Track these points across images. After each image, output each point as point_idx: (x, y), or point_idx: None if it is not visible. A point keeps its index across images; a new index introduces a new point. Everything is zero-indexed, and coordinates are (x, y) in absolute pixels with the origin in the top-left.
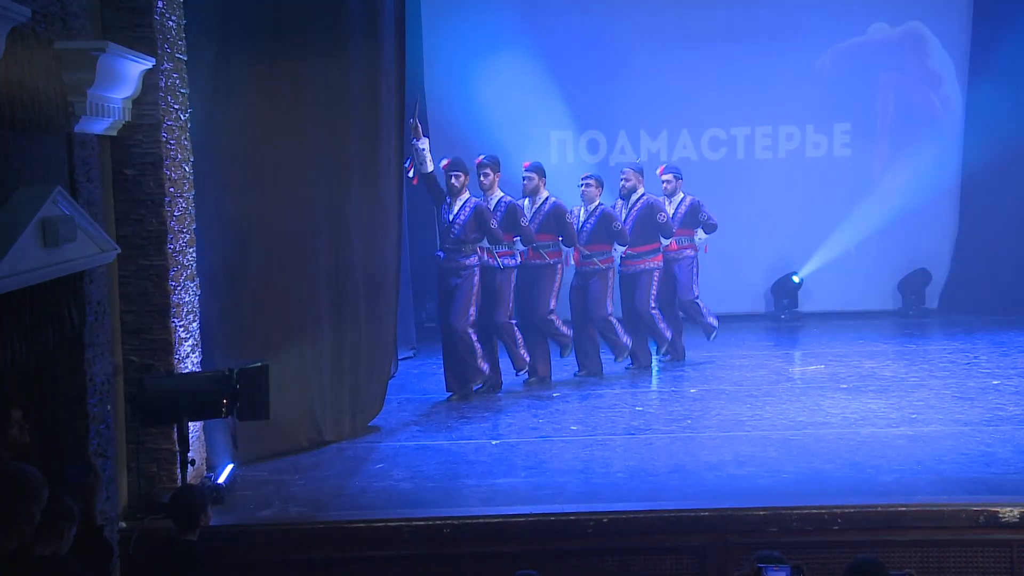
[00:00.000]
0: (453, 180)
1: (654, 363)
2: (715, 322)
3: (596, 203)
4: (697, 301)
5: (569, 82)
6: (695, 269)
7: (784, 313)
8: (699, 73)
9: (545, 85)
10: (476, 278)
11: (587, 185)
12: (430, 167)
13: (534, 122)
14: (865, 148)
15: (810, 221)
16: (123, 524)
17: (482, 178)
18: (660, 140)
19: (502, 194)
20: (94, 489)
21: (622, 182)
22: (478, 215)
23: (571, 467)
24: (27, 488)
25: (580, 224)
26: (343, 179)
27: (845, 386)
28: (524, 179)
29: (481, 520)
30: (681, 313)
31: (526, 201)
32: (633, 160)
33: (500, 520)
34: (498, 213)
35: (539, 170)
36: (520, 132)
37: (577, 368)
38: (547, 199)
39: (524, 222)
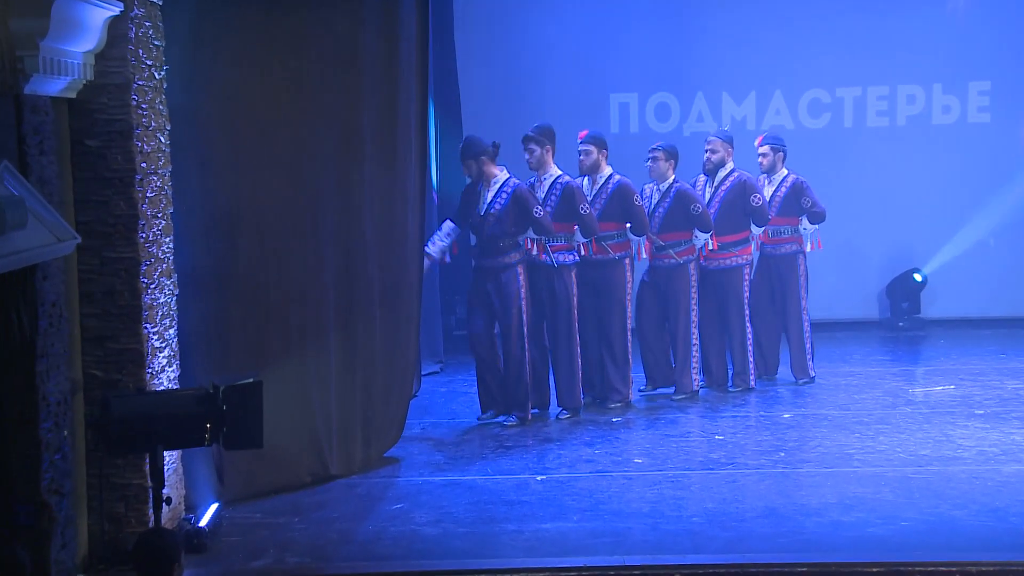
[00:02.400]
0: (466, 169)
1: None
2: (812, 371)
3: (669, 180)
4: (804, 319)
5: (634, 34)
6: (802, 268)
7: (903, 320)
8: (796, 22)
9: (604, 38)
10: (520, 279)
11: (654, 159)
12: None
13: (590, 83)
14: (1008, 113)
15: (937, 205)
16: None
17: (528, 155)
18: (747, 104)
19: (559, 172)
20: (48, 534)
21: (707, 155)
22: (518, 201)
23: (635, 509)
24: None
25: (651, 207)
26: (354, 154)
27: (981, 412)
28: (580, 153)
29: (523, 574)
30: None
31: (585, 181)
32: (720, 128)
33: (547, 574)
34: (552, 197)
35: (598, 141)
36: (573, 96)
37: (645, 382)
38: (610, 177)
39: (585, 208)
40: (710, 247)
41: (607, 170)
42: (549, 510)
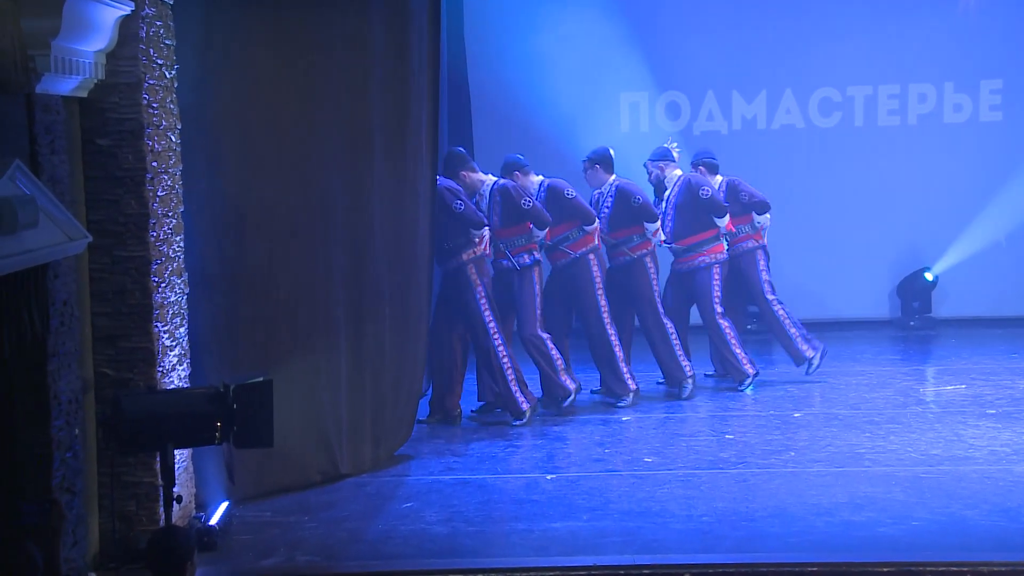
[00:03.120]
0: None
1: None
2: (810, 351)
3: (610, 181)
4: (776, 308)
5: (644, 33)
6: (762, 263)
7: (914, 319)
8: (807, 20)
9: (614, 37)
10: (472, 278)
11: (584, 170)
12: None
13: (600, 82)
14: (1020, 111)
15: (948, 204)
16: (93, 575)
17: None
18: (758, 103)
19: (492, 179)
20: (58, 532)
21: (649, 178)
22: (438, 200)
23: (645, 508)
24: None
25: (597, 211)
26: (363, 152)
27: (993, 412)
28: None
29: (533, 573)
30: (750, 326)
31: None
32: (664, 145)
33: (557, 573)
34: (495, 204)
35: (507, 167)
36: (583, 95)
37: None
38: (540, 185)
39: (527, 203)
40: (672, 251)
41: (536, 180)
42: (559, 509)
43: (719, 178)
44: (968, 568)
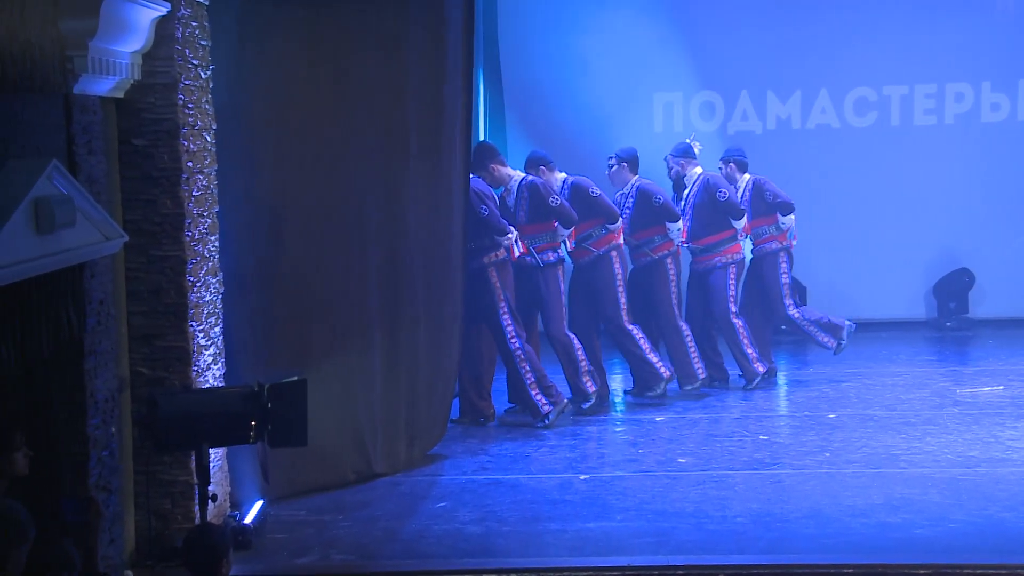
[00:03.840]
0: None
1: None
2: (831, 340)
3: (631, 182)
4: (792, 313)
5: (678, 33)
6: (782, 267)
7: (951, 320)
8: (842, 19)
9: (648, 37)
10: (492, 280)
11: (610, 167)
12: None
13: (634, 82)
14: None
15: (985, 204)
16: (130, 573)
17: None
18: (792, 103)
19: (521, 175)
20: (95, 529)
21: (669, 173)
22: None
23: (679, 509)
24: (10, 528)
25: (622, 211)
26: (398, 151)
27: None
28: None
29: (566, 573)
30: (784, 327)
31: None
32: (686, 141)
33: (590, 573)
34: (522, 200)
35: (533, 163)
36: (617, 94)
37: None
38: (564, 182)
39: (555, 200)
40: (691, 251)
41: (560, 176)
42: (592, 509)
43: (746, 176)
44: (1006, 571)
